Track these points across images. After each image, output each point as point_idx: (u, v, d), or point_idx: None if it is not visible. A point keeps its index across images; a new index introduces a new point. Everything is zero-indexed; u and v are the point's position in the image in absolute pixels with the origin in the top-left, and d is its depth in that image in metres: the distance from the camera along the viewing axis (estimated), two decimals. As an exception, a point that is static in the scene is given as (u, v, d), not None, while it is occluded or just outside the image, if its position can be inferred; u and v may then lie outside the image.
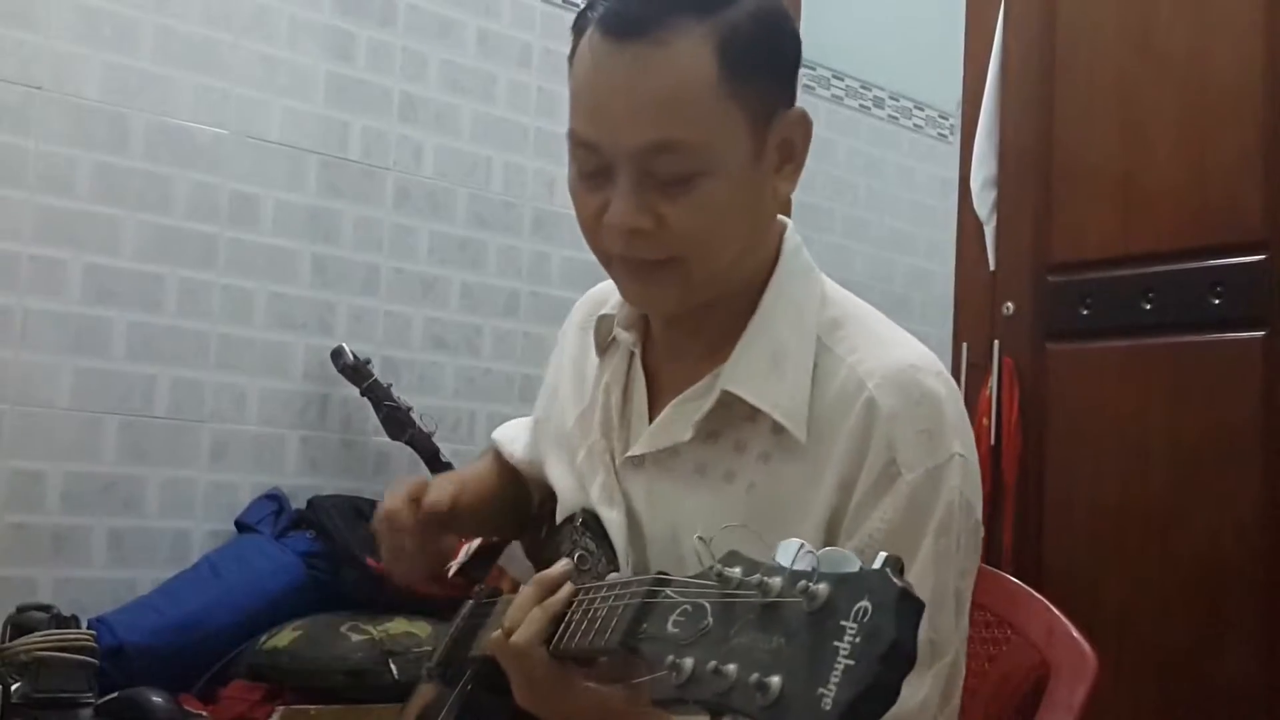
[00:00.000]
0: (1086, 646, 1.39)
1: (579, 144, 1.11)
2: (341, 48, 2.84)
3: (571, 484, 1.27)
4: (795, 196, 1.20)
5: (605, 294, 1.34)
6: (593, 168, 1.11)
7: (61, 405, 2.44)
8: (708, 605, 0.78)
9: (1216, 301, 2.12)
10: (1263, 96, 2.09)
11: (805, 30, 1.30)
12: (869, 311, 1.21)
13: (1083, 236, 2.32)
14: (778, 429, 1.11)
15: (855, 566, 0.72)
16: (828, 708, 0.66)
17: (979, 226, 2.49)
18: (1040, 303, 2.37)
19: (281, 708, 2.28)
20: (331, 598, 2.53)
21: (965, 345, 2.48)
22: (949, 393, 1.13)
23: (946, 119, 4.06)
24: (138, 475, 2.53)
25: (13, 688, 2.06)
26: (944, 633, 1.08)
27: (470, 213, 3.03)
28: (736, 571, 0.77)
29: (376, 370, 2.73)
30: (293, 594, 2.49)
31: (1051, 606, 1.47)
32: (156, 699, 2.13)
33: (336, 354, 2.70)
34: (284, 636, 2.37)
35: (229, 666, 2.39)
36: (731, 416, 1.14)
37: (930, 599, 1.06)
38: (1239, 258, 2.10)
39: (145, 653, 2.30)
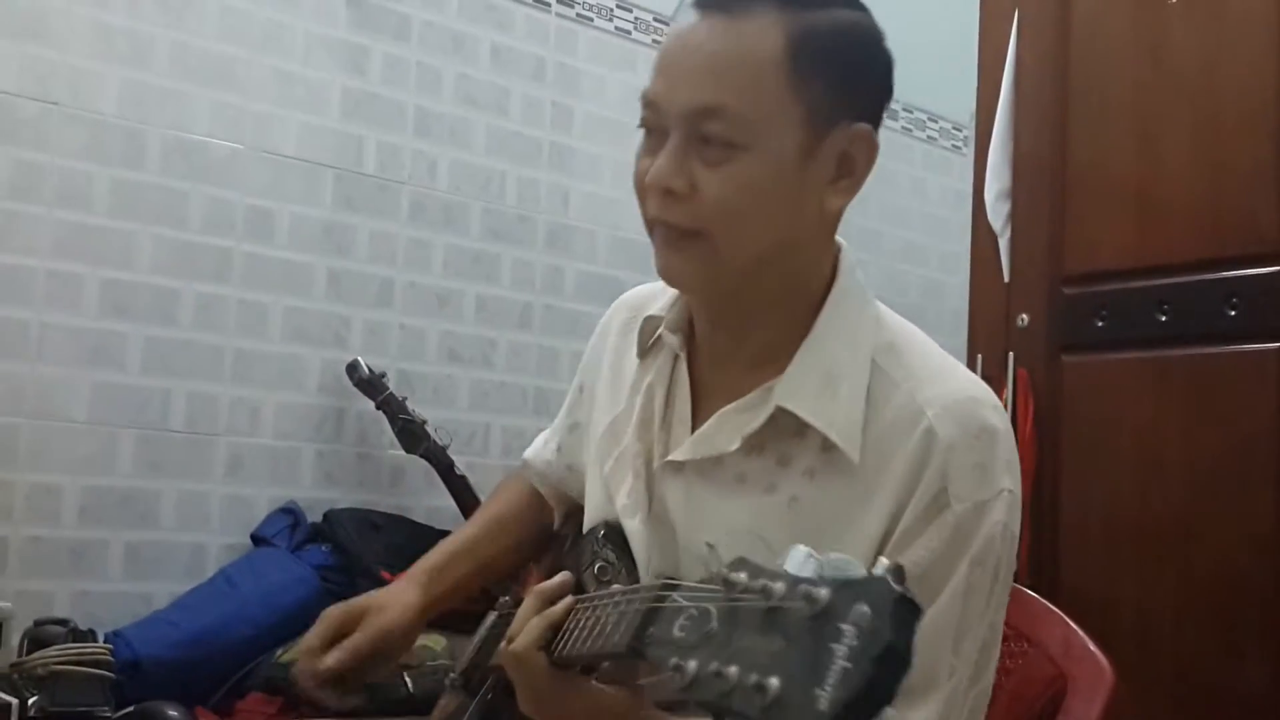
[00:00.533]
0: (1103, 659, 1.39)
1: (645, 103, 1.15)
2: (356, 62, 2.85)
3: (598, 492, 1.28)
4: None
5: (649, 295, 1.35)
6: (652, 126, 1.15)
7: (78, 419, 2.45)
8: (713, 610, 0.79)
9: (1232, 313, 2.11)
10: (1277, 107, 2.09)
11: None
12: (923, 338, 1.22)
13: (1097, 248, 2.32)
14: (827, 446, 1.12)
15: (858, 573, 0.73)
16: (823, 707, 0.67)
17: (993, 238, 2.49)
18: (1055, 314, 2.37)
19: (297, 721, 2.29)
20: (347, 611, 2.53)
21: (979, 357, 2.48)
22: (1005, 427, 1.14)
23: (960, 131, 4.06)
24: (154, 489, 2.54)
25: (30, 701, 2.07)
26: (964, 658, 1.09)
27: (484, 226, 3.03)
28: (742, 576, 0.78)
29: (391, 383, 2.73)
30: (308, 607, 2.48)
31: (1068, 619, 1.47)
32: (173, 713, 2.12)
33: (352, 367, 2.71)
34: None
35: (245, 679, 2.39)
36: (779, 431, 1.15)
37: (958, 627, 1.08)
38: (1254, 269, 2.10)
39: (162, 666, 2.31)
